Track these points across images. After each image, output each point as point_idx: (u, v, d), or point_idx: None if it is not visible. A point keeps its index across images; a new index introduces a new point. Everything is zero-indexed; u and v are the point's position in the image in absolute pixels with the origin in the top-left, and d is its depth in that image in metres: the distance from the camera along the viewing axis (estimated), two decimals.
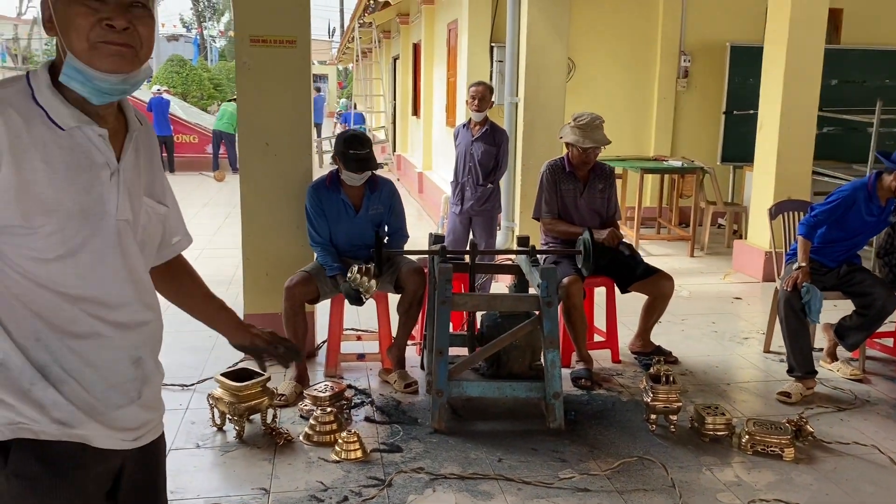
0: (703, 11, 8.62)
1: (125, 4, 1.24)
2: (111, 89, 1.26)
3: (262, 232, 4.25)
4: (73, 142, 1.26)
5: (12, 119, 1.21)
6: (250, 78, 4.09)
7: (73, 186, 1.25)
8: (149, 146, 1.46)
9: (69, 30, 1.22)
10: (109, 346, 1.34)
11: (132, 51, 1.27)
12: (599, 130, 4.29)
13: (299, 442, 3.35)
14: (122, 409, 1.37)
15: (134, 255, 1.37)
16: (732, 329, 5.07)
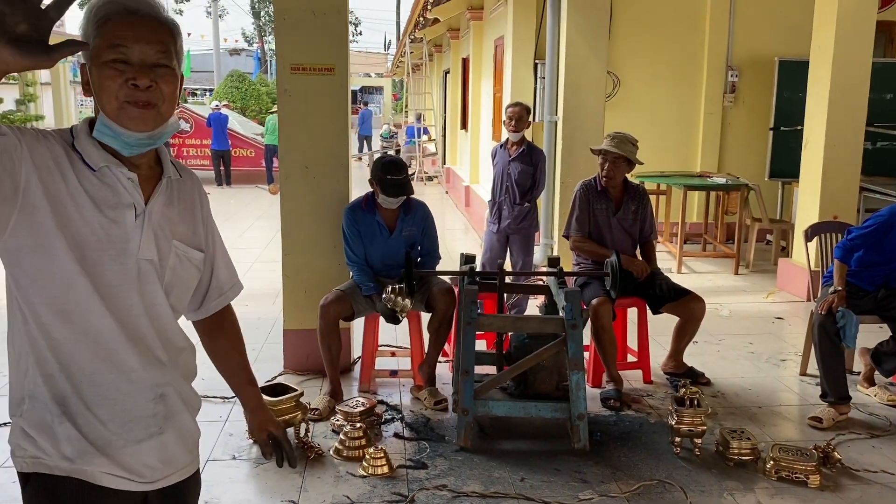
0: (751, 26, 8.52)
1: (149, 65, 1.34)
2: (138, 143, 1.37)
3: (300, 251, 4.42)
4: (103, 181, 1.36)
5: (55, 149, 1.33)
6: (291, 104, 4.27)
7: (96, 219, 1.34)
8: (189, 195, 1.54)
9: (101, 91, 1.34)
10: (127, 380, 1.40)
11: (154, 110, 1.36)
12: (629, 145, 4.34)
13: (329, 456, 3.48)
14: (141, 443, 1.42)
15: (154, 293, 1.42)
16: (770, 350, 5.02)
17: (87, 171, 1.35)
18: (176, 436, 1.50)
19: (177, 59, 1.40)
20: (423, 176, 16.68)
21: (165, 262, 1.45)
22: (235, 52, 49.41)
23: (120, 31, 1.32)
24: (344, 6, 4.23)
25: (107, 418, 1.39)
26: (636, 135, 7.98)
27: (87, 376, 1.37)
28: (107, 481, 1.40)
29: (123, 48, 1.32)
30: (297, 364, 4.49)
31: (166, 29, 1.37)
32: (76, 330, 1.35)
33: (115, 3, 1.34)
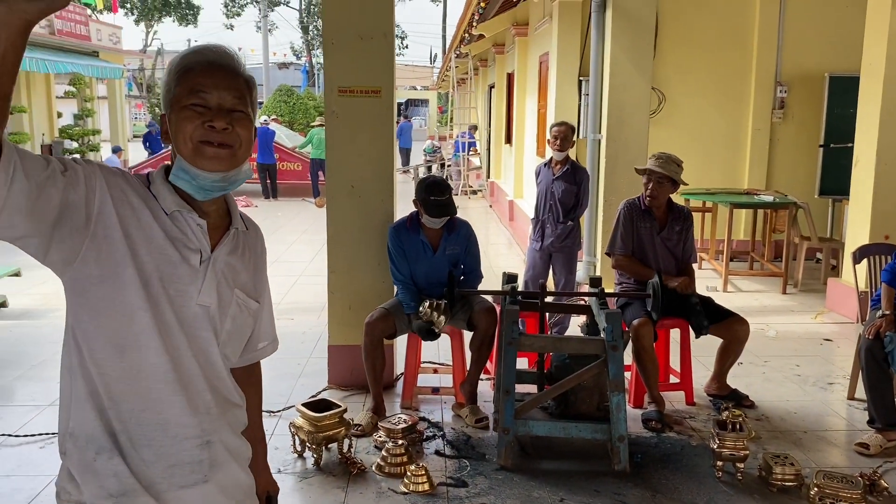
0: (801, 41, 8.41)
1: (226, 109, 1.41)
2: (212, 186, 1.42)
3: (346, 268, 4.51)
4: (174, 224, 1.42)
5: (133, 185, 1.41)
6: (338, 126, 4.38)
7: (162, 257, 1.38)
8: (253, 248, 1.59)
9: (179, 135, 1.41)
10: (173, 423, 1.40)
11: (230, 150, 1.42)
12: (674, 166, 4.33)
13: (371, 472, 3.55)
14: (185, 489, 1.42)
15: (207, 340, 1.44)
16: (817, 373, 4.95)
17: (161, 213, 1.41)
18: (221, 486, 1.49)
19: (251, 108, 1.47)
20: (467, 189, 16.76)
21: (226, 310, 1.48)
22: (284, 66, 50.32)
23: (200, 78, 1.41)
24: (390, 30, 4.32)
25: (151, 460, 1.40)
26: (681, 152, 7.94)
27: (135, 415, 1.38)
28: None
29: (203, 93, 1.40)
30: (341, 379, 4.58)
31: (243, 80, 1.45)
32: (129, 367, 1.36)
33: (198, 55, 1.44)
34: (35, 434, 3.93)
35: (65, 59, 17.19)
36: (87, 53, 18.98)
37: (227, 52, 1.47)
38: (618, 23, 5.86)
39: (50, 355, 5.25)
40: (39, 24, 5.05)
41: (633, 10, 5.84)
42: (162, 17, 43.14)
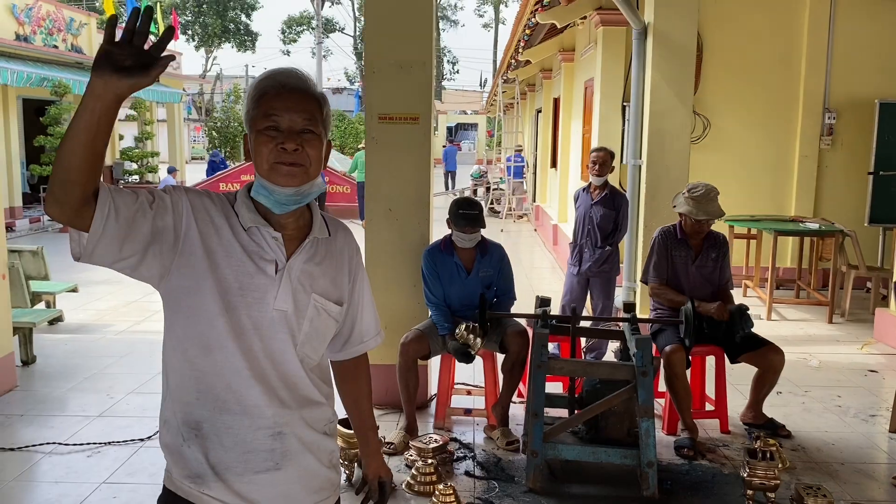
0: (850, 67, 8.30)
1: (297, 131, 1.54)
2: (287, 200, 1.56)
3: (382, 288, 4.61)
4: (251, 238, 1.57)
5: (216, 206, 1.58)
6: (378, 151, 4.51)
7: (240, 268, 1.54)
8: (339, 252, 1.71)
9: (257, 155, 1.56)
10: (249, 414, 1.55)
11: (302, 168, 1.55)
12: (714, 202, 4.32)
13: (401, 490, 3.62)
14: (259, 474, 1.56)
15: (283, 341, 1.57)
16: (859, 405, 4.85)
17: (240, 228, 1.57)
18: (294, 475, 1.61)
19: (323, 126, 1.60)
20: (514, 214, 16.82)
21: (303, 314, 1.60)
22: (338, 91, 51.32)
23: (273, 102, 1.55)
24: (429, 59, 4.44)
25: (229, 446, 1.55)
26: (726, 178, 7.94)
27: (219, 406, 1.55)
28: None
29: (275, 117, 1.54)
30: (375, 398, 4.66)
31: (314, 100, 1.58)
32: (214, 364, 1.54)
33: (271, 79, 1.58)
34: (83, 443, 4.12)
35: None
36: None
37: (298, 74, 1.60)
38: (658, 50, 5.90)
39: (101, 368, 5.48)
40: None
41: (674, 38, 5.87)
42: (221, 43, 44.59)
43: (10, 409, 4.64)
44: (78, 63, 16.72)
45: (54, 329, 6.69)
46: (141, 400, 4.83)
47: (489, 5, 57.57)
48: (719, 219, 4.35)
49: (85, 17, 18.22)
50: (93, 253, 1.41)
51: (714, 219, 4.31)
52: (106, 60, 1.28)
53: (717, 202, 4.34)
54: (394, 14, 4.43)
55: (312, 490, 1.66)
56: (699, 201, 4.29)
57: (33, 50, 15.28)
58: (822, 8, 8.27)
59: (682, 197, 4.39)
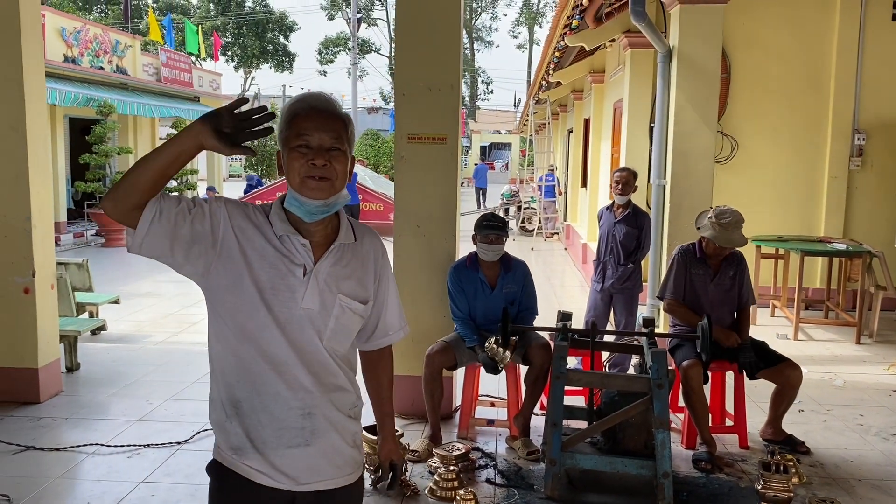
0: (880, 88, 8.33)
1: (325, 148, 1.75)
2: (316, 210, 1.77)
3: (410, 302, 4.77)
4: (283, 245, 1.78)
5: (252, 217, 1.80)
6: (406, 170, 4.70)
7: (273, 270, 1.75)
8: (365, 255, 1.90)
9: (289, 170, 1.76)
10: (283, 396, 1.77)
11: (329, 182, 1.75)
12: (738, 231, 4.38)
13: (424, 495, 3.76)
14: (291, 448, 1.78)
15: (310, 335, 1.78)
16: (881, 424, 4.87)
17: (273, 236, 1.79)
18: (322, 450, 1.82)
19: (348, 143, 1.81)
20: (545, 233, 16.93)
21: (329, 312, 1.80)
22: (373, 111, 52.00)
23: (304, 123, 1.76)
24: (457, 81, 4.64)
25: (265, 423, 1.78)
26: (754, 198, 8.01)
27: (257, 387, 1.77)
28: (258, 478, 1.79)
29: (306, 136, 1.75)
30: (402, 408, 4.82)
31: (340, 120, 1.79)
32: (254, 351, 1.76)
33: (302, 102, 1.79)
34: (124, 445, 4.33)
35: (168, 104, 18.46)
36: (189, 99, 20.32)
37: (325, 98, 1.83)
38: (682, 72, 6.02)
39: (141, 376, 5.72)
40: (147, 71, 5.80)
41: (698, 60, 6.00)
42: (260, 63, 45.53)
43: (56, 413, 4.88)
44: (122, 84, 17.31)
45: (97, 338, 6.97)
46: (178, 406, 5.04)
47: (523, 26, 58.03)
48: (741, 246, 4.42)
49: (130, 39, 18.87)
50: (141, 246, 1.68)
51: (737, 247, 4.39)
52: (214, 118, 1.64)
53: (741, 230, 4.41)
54: (423, 39, 4.63)
55: (337, 466, 1.86)
56: (726, 228, 4.35)
57: (80, 71, 15.88)
58: (850, 29, 8.31)
59: (708, 220, 4.44)
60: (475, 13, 62.14)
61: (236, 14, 43.37)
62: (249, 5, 44.41)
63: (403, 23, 4.68)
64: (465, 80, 65.20)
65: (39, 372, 5.04)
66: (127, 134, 18.24)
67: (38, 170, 5.01)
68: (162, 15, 32.23)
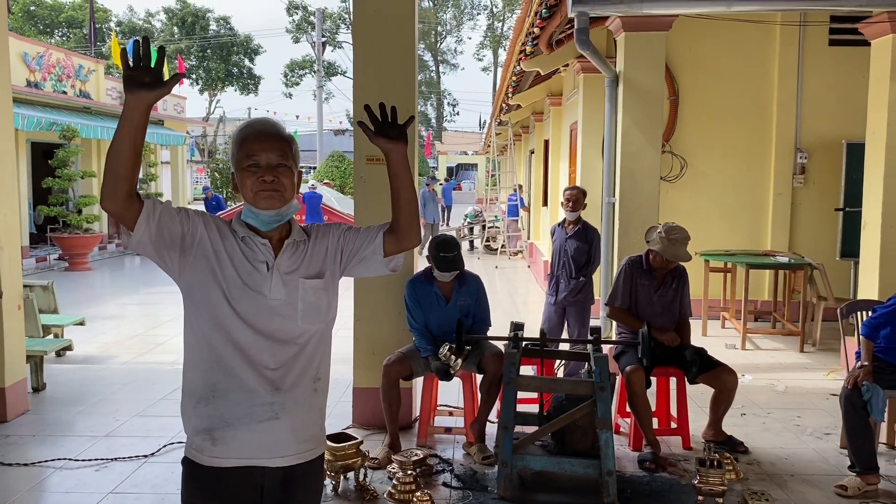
0: (819, 109, 8.78)
1: (273, 166, 1.99)
2: (270, 219, 2.02)
3: (370, 316, 4.99)
4: (246, 246, 2.02)
5: (219, 223, 2.05)
6: (365, 190, 4.92)
7: (241, 268, 1.99)
8: (318, 244, 2.10)
9: (243, 188, 2.01)
10: (251, 377, 1.96)
11: (279, 194, 2.00)
12: (684, 247, 4.68)
13: (383, 498, 3.95)
14: (261, 423, 1.96)
15: (279, 321, 1.99)
16: (816, 424, 5.17)
17: (238, 240, 2.03)
18: (288, 426, 2.00)
19: (293, 160, 2.05)
20: (508, 251, 17.23)
21: (296, 297, 2.02)
22: (339, 133, 52.12)
23: (252, 145, 2.01)
24: (412, 106, 4.88)
25: (237, 401, 1.97)
26: (704, 215, 8.39)
27: (230, 370, 1.97)
28: (228, 462, 1.98)
29: (255, 156, 2.00)
30: (364, 419, 5.01)
31: (284, 141, 2.04)
32: (226, 338, 1.97)
33: (250, 128, 2.04)
34: (92, 459, 4.45)
35: None
36: (152, 122, 20.33)
37: (270, 122, 2.11)
38: (629, 96, 6.35)
39: (108, 394, 5.82)
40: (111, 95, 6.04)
41: (643, 84, 6.33)
42: (225, 86, 45.51)
43: (22, 431, 4.98)
44: (86, 108, 17.31)
45: (63, 360, 7.04)
46: (145, 421, 5.17)
47: (488, 49, 58.89)
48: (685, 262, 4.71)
49: (93, 63, 18.89)
50: (137, 244, 1.90)
51: (681, 262, 4.69)
52: (131, 82, 1.77)
53: (686, 247, 4.71)
54: (380, 64, 4.88)
55: (302, 440, 2.06)
56: (674, 243, 4.65)
57: (43, 96, 15.88)
58: (790, 55, 8.78)
59: (658, 235, 4.72)
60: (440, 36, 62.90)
61: (200, 37, 43.39)
62: (214, 28, 44.45)
63: (361, 50, 4.93)
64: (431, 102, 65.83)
65: (6, 391, 5.13)
66: (91, 157, 18.21)
67: (4, 191, 5.14)
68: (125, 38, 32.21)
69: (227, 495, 2.01)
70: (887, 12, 6.02)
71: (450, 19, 62.98)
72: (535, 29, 7.10)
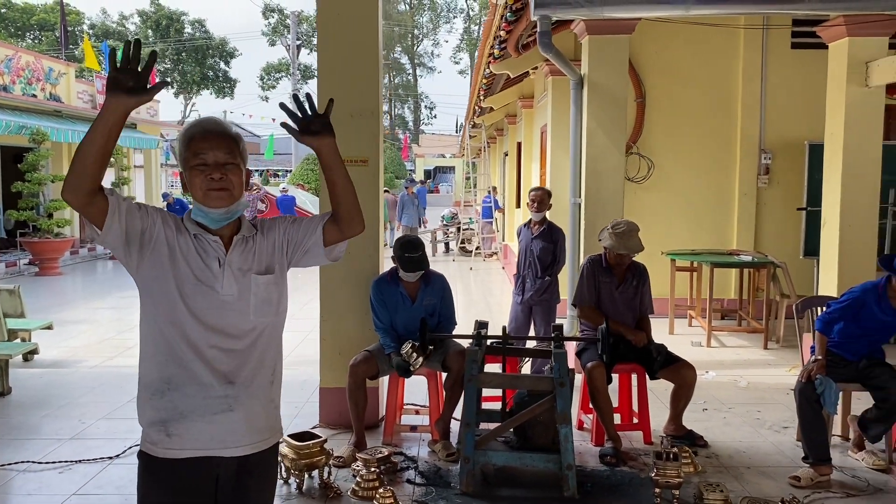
0: (782, 111, 8.95)
1: (220, 164, 2.03)
2: (219, 218, 2.07)
3: (336, 317, 5.03)
4: (198, 244, 2.07)
5: (174, 220, 2.08)
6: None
7: (193, 264, 2.03)
8: (267, 239, 2.15)
9: (192, 186, 2.05)
10: (206, 370, 2.02)
11: (228, 192, 2.04)
12: (634, 238, 4.79)
13: (347, 496, 3.99)
14: (216, 415, 2.02)
15: (231, 315, 2.05)
16: (774, 419, 5.29)
17: (190, 237, 2.07)
18: (242, 416, 2.06)
19: (241, 157, 2.08)
20: (484, 253, 17.31)
21: (249, 292, 2.08)
22: None
23: (200, 144, 2.04)
24: (377, 109, 4.93)
25: (192, 394, 2.02)
26: (671, 215, 8.52)
27: (184, 364, 2.02)
28: (183, 454, 2.02)
29: (203, 155, 2.03)
30: (331, 419, 5.05)
31: (231, 139, 2.07)
32: (180, 333, 2.01)
33: (197, 126, 2.07)
34: (56, 461, 4.45)
35: None
36: (126, 126, 20.15)
37: (217, 121, 2.13)
38: (593, 98, 6.46)
39: (74, 398, 5.80)
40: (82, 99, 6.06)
41: (607, 87, 6.44)
42: (200, 90, 45.26)
43: None
44: (56, 111, 17.15)
45: (30, 364, 6.99)
46: (111, 424, 5.16)
47: (465, 52, 59.10)
48: (639, 252, 4.82)
49: (64, 66, 18.72)
50: (105, 240, 1.96)
51: (634, 253, 4.78)
52: (115, 84, 1.81)
53: (637, 238, 4.81)
54: (345, 69, 4.93)
55: (257, 430, 2.12)
56: (620, 237, 4.76)
57: (12, 99, 15.70)
58: (754, 58, 8.95)
59: (607, 232, 4.86)
60: (417, 40, 62.97)
61: (175, 40, 43.12)
62: (189, 31, 44.20)
63: (325, 54, 4.97)
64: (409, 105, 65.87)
65: None
66: (61, 161, 18.02)
67: None
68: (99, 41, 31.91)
69: (182, 486, 2.05)
70: (843, 16, 6.18)
71: (426, 22, 63.12)
72: (501, 32, 7.18)
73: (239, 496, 2.11)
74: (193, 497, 2.07)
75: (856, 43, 6.27)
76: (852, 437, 4.58)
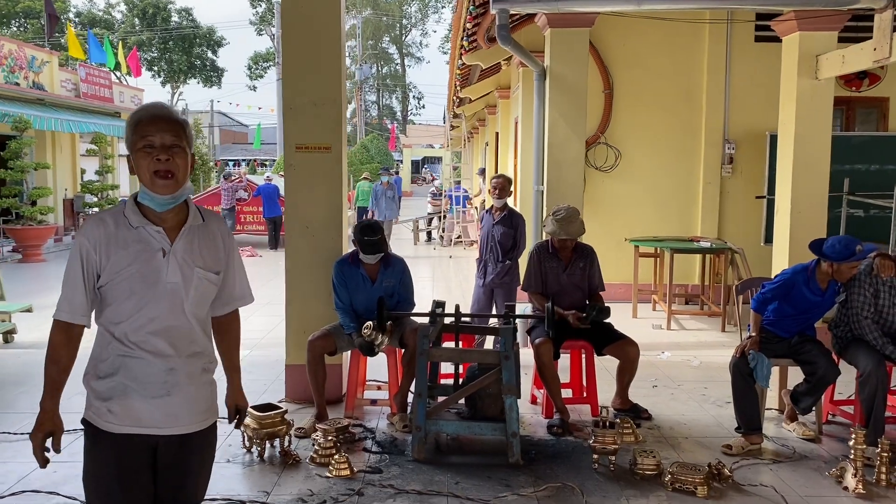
0: (746, 102, 9.20)
1: (167, 146, 2.16)
2: (164, 202, 2.20)
3: (301, 297, 5.26)
4: (140, 235, 2.20)
5: (108, 225, 2.22)
6: (295, 176, 5.19)
7: (137, 260, 2.18)
8: (212, 234, 2.32)
9: (139, 169, 2.17)
10: (152, 357, 2.21)
11: (173, 179, 2.16)
12: (574, 223, 5.03)
13: (305, 463, 4.24)
14: (155, 398, 2.21)
15: (176, 305, 2.22)
16: (720, 395, 5.56)
17: (130, 229, 2.20)
18: (181, 400, 2.25)
19: (187, 142, 2.21)
20: (463, 241, 17.54)
21: (190, 284, 2.23)
22: None
23: (147, 127, 2.16)
24: (339, 97, 5.15)
25: (134, 377, 2.22)
26: (637, 203, 8.81)
27: (131, 349, 2.22)
28: (124, 429, 2.22)
29: (150, 137, 2.15)
30: (296, 394, 5.29)
31: (178, 123, 2.20)
32: (130, 322, 2.21)
33: (144, 111, 2.21)
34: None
35: (88, 120, 18.43)
36: (109, 114, 20.28)
37: (164, 105, 2.28)
38: (555, 89, 6.69)
39: None
40: (65, 87, 6.30)
41: (568, 79, 6.68)
42: (187, 79, 45.19)
43: None
44: (39, 100, 17.24)
45: (9, 345, 7.19)
46: (83, 399, 5.36)
47: None
48: (580, 236, 5.07)
49: (47, 55, 18.79)
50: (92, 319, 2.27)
51: (575, 237, 5.04)
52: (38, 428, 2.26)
53: (578, 222, 5.06)
54: (308, 58, 5.14)
55: (194, 413, 2.32)
56: (562, 223, 5.01)
57: None
58: (719, 51, 9.20)
59: (549, 220, 5.11)
60: (405, 30, 62.97)
61: (162, 29, 43.01)
62: (176, 20, 44.09)
63: (288, 42, 5.18)
64: (397, 96, 65.91)
65: None
66: (45, 149, 18.13)
67: None
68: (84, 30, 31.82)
69: (122, 454, 2.24)
70: (794, 11, 6.44)
71: (415, 12, 63.13)
72: (468, 25, 7.40)
73: (179, 469, 2.32)
74: (134, 467, 2.25)
75: (806, 37, 6.54)
76: (786, 410, 4.86)
